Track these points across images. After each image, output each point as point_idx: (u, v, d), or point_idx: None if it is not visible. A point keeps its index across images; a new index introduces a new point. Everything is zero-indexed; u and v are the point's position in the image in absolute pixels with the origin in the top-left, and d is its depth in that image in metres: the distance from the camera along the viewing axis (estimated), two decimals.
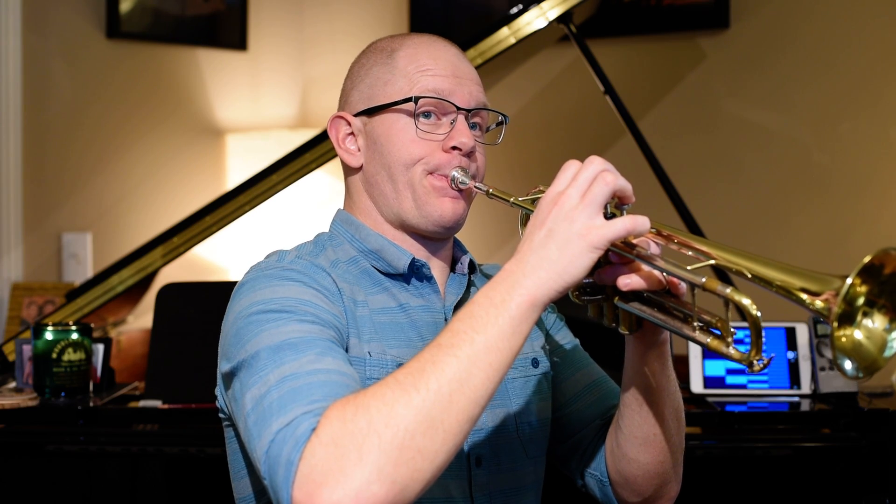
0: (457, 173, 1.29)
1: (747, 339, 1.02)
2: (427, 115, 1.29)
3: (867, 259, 0.92)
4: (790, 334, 2.17)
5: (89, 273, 3.15)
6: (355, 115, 1.34)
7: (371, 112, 1.32)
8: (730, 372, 2.19)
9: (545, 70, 3.28)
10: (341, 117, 1.36)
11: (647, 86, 3.20)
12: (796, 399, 2.15)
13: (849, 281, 0.92)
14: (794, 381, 2.17)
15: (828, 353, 2.09)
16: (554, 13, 2.49)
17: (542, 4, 2.48)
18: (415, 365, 1.00)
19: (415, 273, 1.32)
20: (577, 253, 1.02)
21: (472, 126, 1.33)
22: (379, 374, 1.19)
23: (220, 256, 3.32)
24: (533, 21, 2.50)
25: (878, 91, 2.97)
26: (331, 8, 3.59)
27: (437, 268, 1.35)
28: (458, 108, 1.30)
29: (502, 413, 1.31)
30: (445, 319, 1.31)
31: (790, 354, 2.17)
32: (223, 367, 1.18)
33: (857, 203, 2.98)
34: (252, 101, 3.56)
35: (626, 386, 1.25)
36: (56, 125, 3.25)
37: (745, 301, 0.99)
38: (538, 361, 1.39)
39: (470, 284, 1.39)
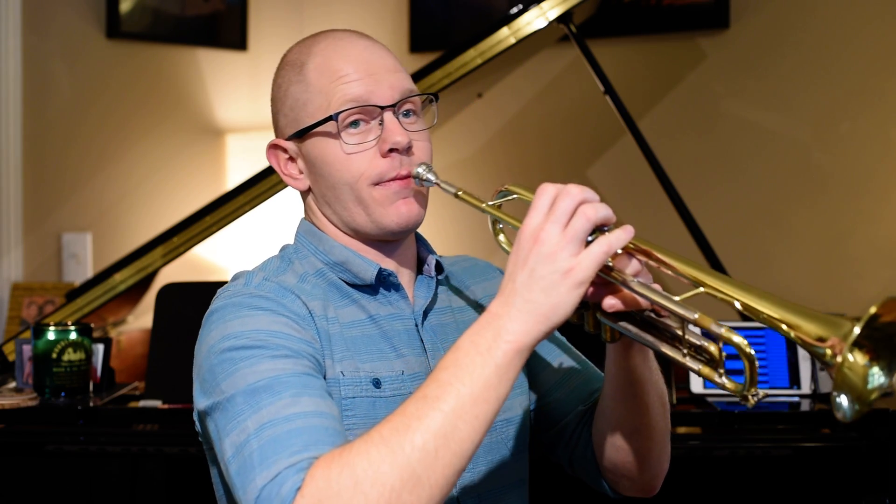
0: (421, 170, 1.24)
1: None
2: (355, 123, 1.24)
3: (873, 310, 0.88)
4: None
5: (89, 273, 3.15)
6: (287, 139, 1.30)
7: (300, 135, 1.28)
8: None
9: (545, 70, 3.28)
10: (277, 145, 1.32)
11: (646, 86, 3.20)
12: (796, 399, 2.15)
13: (856, 331, 0.88)
14: (794, 381, 2.17)
15: None
16: (554, 13, 2.49)
17: (542, 4, 2.48)
18: (399, 420, 0.99)
19: (382, 282, 1.29)
20: (563, 293, 1.00)
21: (406, 114, 1.27)
22: (354, 393, 1.19)
23: (220, 256, 3.32)
24: (533, 21, 2.50)
25: (878, 91, 2.97)
26: (331, 8, 3.59)
27: (404, 273, 1.33)
28: (382, 108, 1.24)
29: None
30: (416, 325, 1.29)
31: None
32: (199, 402, 1.16)
33: (857, 203, 2.98)
34: (252, 101, 3.56)
35: (610, 381, 1.24)
36: (56, 125, 3.25)
37: (737, 339, 0.96)
38: None
39: (438, 285, 1.36)
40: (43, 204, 3.22)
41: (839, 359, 0.89)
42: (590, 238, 1.02)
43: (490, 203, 1.24)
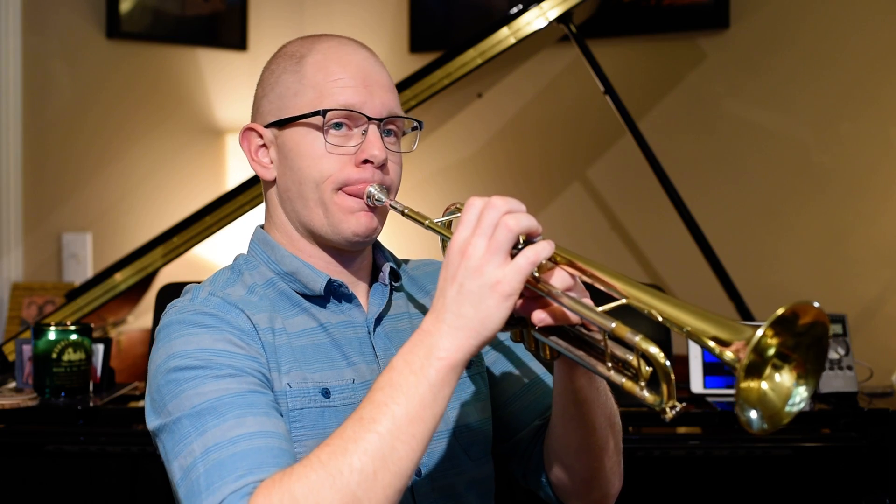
0: (373, 189, 1.24)
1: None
2: (338, 125, 1.24)
3: (780, 311, 0.87)
4: None
5: (89, 273, 3.15)
6: (266, 126, 1.30)
7: (281, 124, 1.28)
8: (730, 373, 2.19)
9: (545, 70, 3.28)
10: (252, 129, 1.32)
11: (646, 86, 3.20)
12: None
13: (759, 333, 0.87)
14: None
15: (830, 354, 2.09)
16: (554, 13, 2.49)
17: (542, 4, 2.49)
18: (337, 443, 1.00)
19: (332, 293, 1.29)
20: (492, 306, 1.00)
21: (387, 133, 1.28)
22: (301, 405, 1.19)
23: (220, 256, 3.32)
24: (533, 21, 2.50)
25: (878, 91, 2.97)
26: (331, 8, 3.59)
27: (356, 282, 1.33)
28: (369, 119, 1.25)
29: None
30: (368, 332, 1.29)
31: None
32: (149, 422, 1.17)
33: (857, 203, 2.98)
34: (252, 101, 3.56)
35: (556, 400, 1.24)
36: (56, 125, 3.25)
37: (653, 350, 0.95)
38: (472, 362, 1.34)
39: (394, 291, 1.35)
40: (43, 204, 3.22)
41: (744, 362, 0.88)
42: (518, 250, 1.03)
43: (437, 220, 1.24)
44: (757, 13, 3.09)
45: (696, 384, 2.17)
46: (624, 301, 1.02)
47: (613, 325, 0.98)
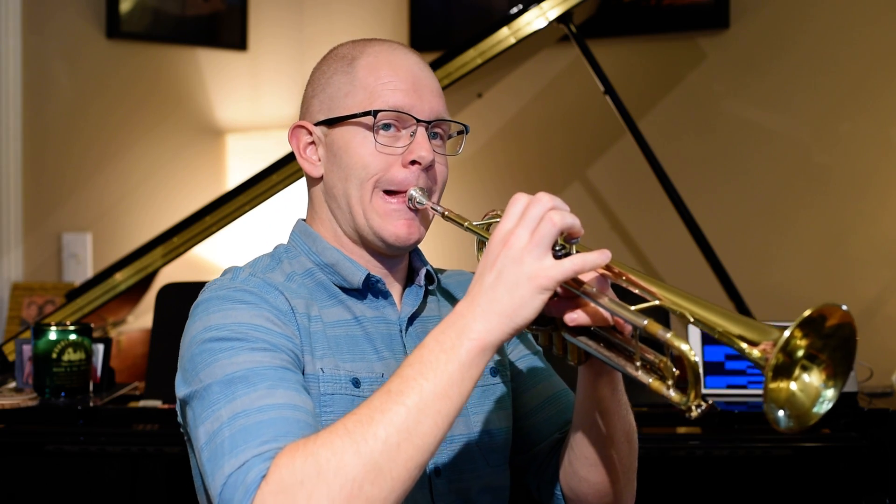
0: (415, 192, 1.28)
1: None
2: (387, 126, 1.28)
3: (808, 312, 0.90)
4: None
5: (89, 273, 3.15)
6: (316, 125, 1.33)
7: (331, 122, 1.31)
8: (730, 372, 2.19)
9: (545, 70, 3.28)
10: (302, 126, 1.34)
11: (646, 86, 3.20)
12: None
13: (786, 334, 0.90)
14: None
15: None
16: (554, 13, 2.49)
17: (542, 4, 2.48)
18: (364, 412, 1.00)
19: (370, 288, 1.32)
20: (526, 296, 1.02)
21: (433, 136, 1.32)
22: (333, 390, 1.20)
23: (220, 256, 3.32)
24: (533, 21, 2.50)
25: (878, 91, 2.97)
26: (331, 8, 3.59)
27: (394, 281, 1.35)
28: (418, 121, 1.28)
29: (461, 423, 1.31)
30: (401, 331, 1.31)
31: None
32: (179, 390, 1.19)
33: (857, 203, 2.98)
34: (252, 101, 3.56)
35: (578, 410, 1.26)
36: (56, 125, 3.25)
37: (684, 347, 0.97)
38: (497, 371, 1.39)
39: (428, 295, 1.38)
40: (43, 204, 3.22)
41: (771, 361, 0.90)
42: (561, 251, 1.06)
43: (476, 223, 1.26)
44: (757, 13, 3.09)
45: None
46: (657, 303, 1.04)
47: (645, 322, 1.00)
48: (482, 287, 1.04)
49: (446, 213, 1.28)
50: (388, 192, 1.28)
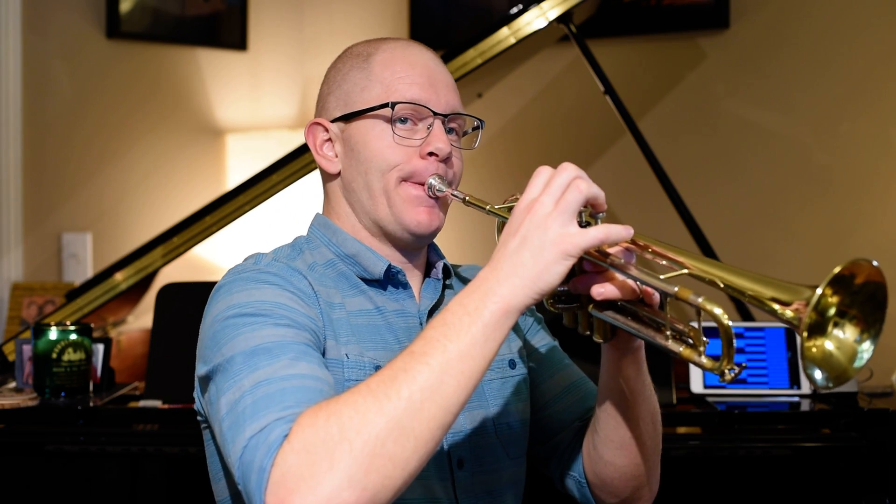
0: (434, 181, 1.29)
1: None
2: (404, 120, 1.29)
3: (837, 269, 0.91)
4: (790, 334, 2.17)
5: (89, 273, 3.15)
6: (332, 121, 1.34)
7: (348, 118, 1.32)
8: None
9: (545, 70, 3.28)
10: (318, 123, 1.35)
11: (647, 86, 3.20)
12: (796, 399, 2.15)
13: (819, 291, 0.91)
14: (794, 380, 2.17)
15: None
16: (554, 13, 2.49)
17: (542, 4, 2.48)
18: (387, 373, 1.00)
19: (390, 279, 1.33)
20: (550, 260, 1.02)
21: (449, 131, 1.33)
22: (357, 376, 1.20)
23: (220, 256, 3.32)
24: (533, 21, 2.50)
25: (878, 91, 2.97)
26: (331, 8, 3.59)
27: (413, 274, 1.36)
28: (435, 114, 1.29)
29: (480, 415, 1.32)
30: (420, 324, 1.32)
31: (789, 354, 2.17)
32: (200, 370, 1.19)
33: (857, 203, 2.98)
34: (252, 101, 3.56)
35: (602, 391, 1.26)
36: (56, 125, 3.25)
37: (717, 311, 0.98)
38: (515, 363, 1.39)
39: (445, 288, 1.39)
40: (43, 204, 3.22)
41: (805, 320, 0.91)
42: (585, 225, 1.06)
43: (497, 206, 1.27)
44: (757, 13, 3.09)
45: (697, 384, 2.17)
46: (685, 272, 1.05)
47: (676, 288, 1.01)
48: (506, 252, 1.04)
49: (467, 198, 1.29)
50: (408, 182, 1.29)
